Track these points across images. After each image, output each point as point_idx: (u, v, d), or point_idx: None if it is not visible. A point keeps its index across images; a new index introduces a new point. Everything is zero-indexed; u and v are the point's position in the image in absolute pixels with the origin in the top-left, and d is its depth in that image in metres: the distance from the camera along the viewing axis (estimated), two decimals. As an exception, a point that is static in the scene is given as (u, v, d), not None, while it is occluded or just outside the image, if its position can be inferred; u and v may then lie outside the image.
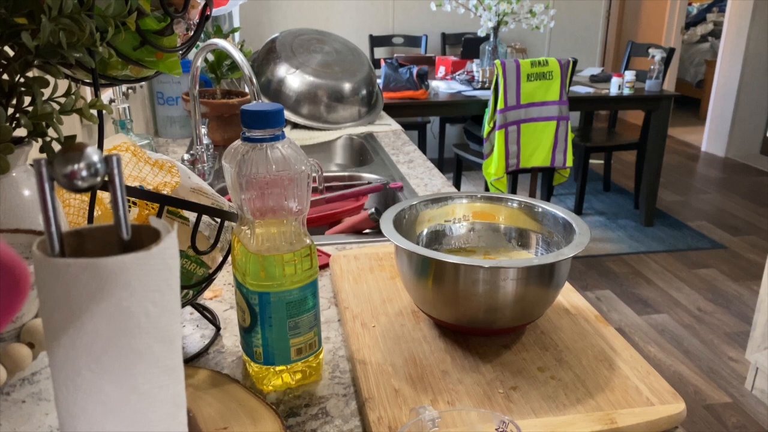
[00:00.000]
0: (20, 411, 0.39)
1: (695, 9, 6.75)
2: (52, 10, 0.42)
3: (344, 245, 1.01)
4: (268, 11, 4.17)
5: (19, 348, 0.38)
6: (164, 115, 1.75)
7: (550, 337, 0.70)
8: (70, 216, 0.64)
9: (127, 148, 0.68)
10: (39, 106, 0.45)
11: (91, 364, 0.28)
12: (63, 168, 0.28)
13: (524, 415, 0.57)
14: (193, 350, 0.70)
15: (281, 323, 0.59)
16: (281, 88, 1.84)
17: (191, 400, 0.58)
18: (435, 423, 0.49)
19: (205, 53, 1.15)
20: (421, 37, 4.33)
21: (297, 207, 0.58)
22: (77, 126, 1.14)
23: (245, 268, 0.58)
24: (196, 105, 1.22)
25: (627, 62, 3.82)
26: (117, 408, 0.29)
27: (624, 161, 4.77)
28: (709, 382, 2.16)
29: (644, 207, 3.45)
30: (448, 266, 0.66)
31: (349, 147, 1.81)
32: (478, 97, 2.98)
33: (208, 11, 0.58)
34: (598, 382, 0.62)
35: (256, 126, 0.55)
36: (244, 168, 0.55)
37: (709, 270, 2.97)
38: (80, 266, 0.27)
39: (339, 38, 2.04)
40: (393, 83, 2.86)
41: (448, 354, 0.67)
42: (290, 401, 0.62)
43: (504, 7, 3.12)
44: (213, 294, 0.83)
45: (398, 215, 0.76)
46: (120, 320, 0.28)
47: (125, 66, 0.54)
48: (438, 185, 1.34)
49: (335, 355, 0.70)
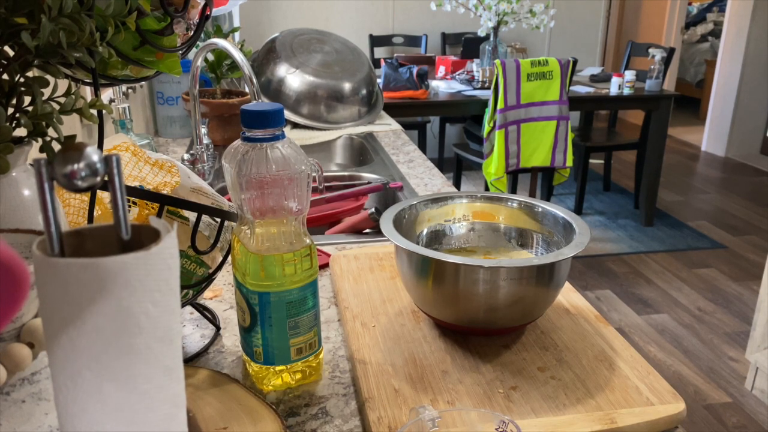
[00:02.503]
0: (20, 411, 0.39)
1: (695, 9, 6.75)
2: (52, 9, 0.42)
3: (344, 245, 1.01)
4: (268, 11, 4.17)
5: (19, 348, 0.38)
6: (164, 115, 1.75)
7: (550, 337, 0.70)
8: (70, 216, 0.64)
9: (127, 148, 0.68)
10: (39, 106, 0.45)
11: (91, 364, 0.28)
12: (63, 168, 0.28)
13: (524, 415, 0.57)
14: (193, 350, 0.70)
15: (281, 323, 0.59)
16: (281, 87, 1.84)
17: (191, 400, 0.58)
18: (435, 423, 0.49)
19: (205, 53, 1.15)
20: (421, 36, 4.33)
21: (297, 207, 0.58)
22: (77, 126, 1.14)
23: (245, 267, 0.58)
24: (196, 105, 1.22)
25: (627, 62, 3.82)
26: (117, 408, 0.29)
27: (624, 161, 4.77)
28: (709, 382, 2.16)
29: (644, 207, 3.45)
30: (448, 266, 0.65)
31: (349, 147, 1.81)
32: (478, 97, 2.98)
33: (208, 11, 0.58)
34: (598, 382, 0.62)
35: (256, 126, 0.55)
36: (244, 168, 0.55)
37: (709, 270, 2.97)
38: (80, 266, 0.27)
39: (339, 38, 2.04)
40: (393, 83, 2.86)
41: (448, 354, 0.67)
42: (290, 401, 0.62)
43: (504, 6, 3.12)
44: (213, 294, 0.83)
45: (398, 215, 0.76)
46: (120, 320, 0.28)
47: (125, 66, 0.54)
48: (438, 185, 1.34)
49: (335, 355, 0.70)
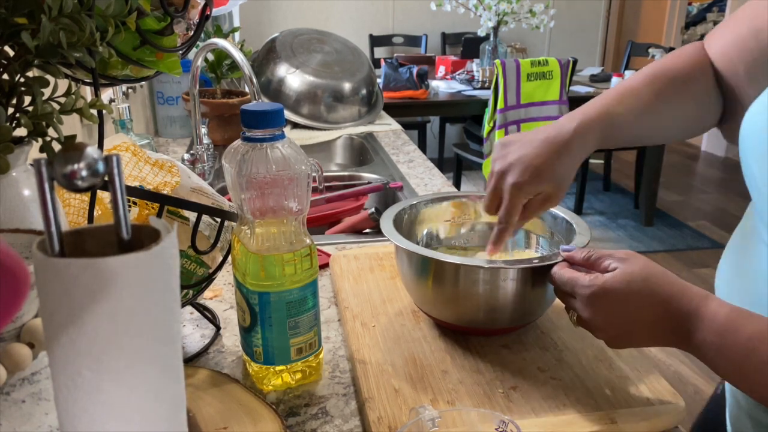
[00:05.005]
0: (20, 411, 0.39)
1: (695, 9, 6.75)
2: (52, 9, 0.42)
3: (344, 245, 1.01)
4: (268, 11, 4.17)
5: (19, 348, 0.38)
6: (164, 115, 1.75)
7: (550, 337, 0.70)
8: (70, 216, 0.64)
9: (127, 148, 0.68)
10: (39, 106, 0.45)
11: (91, 364, 0.28)
12: (63, 168, 0.28)
13: (524, 415, 0.57)
14: (193, 350, 0.70)
15: (281, 323, 0.59)
16: (281, 87, 1.84)
17: (191, 400, 0.58)
18: (435, 423, 0.49)
19: (205, 53, 1.15)
20: (421, 36, 4.32)
21: (297, 207, 0.58)
22: (77, 126, 1.14)
23: (245, 267, 0.58)
24: (196, 105, 1.22)
25: (627, 62, 3.82)
26: (117, 408, 0.29)
27: (624, 161, 4.76)
28: (710, 381, 2.16)
29: (644, 207, 3.45)
30: (448, 266, 0.65)
31: (349, 147, 1.81)
32: (478, 97, 2.98)
33: (208, 11, 0.58)
34: (598, 382, 0.62)
35: (256, 126, 0.55)
36: (244, 168, 0.55)
37: (709, 270, 2.97)
38: (80, 266, 0.27)
39: (339, 38, 2.04)
40: (393, 83, 2.86)
41: (448, 354, 0.67)
42: (290, 401, 0.62)
43: (504, 6, 3.12)
44: (213, 294, 0.83)
45: (398, 215, 0.76)
46: (120, 320, 0.28)
47: (125, 66, 0.54)
48: (438, 185, 1.34)
49: (335, 355, 0.70)
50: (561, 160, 0.66)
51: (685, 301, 0.53)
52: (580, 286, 0.56)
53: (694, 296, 0.53)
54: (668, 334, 0.54)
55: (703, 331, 0.52)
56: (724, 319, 0.51)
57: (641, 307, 0.54)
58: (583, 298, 0.56)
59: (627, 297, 0.54)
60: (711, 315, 0.52)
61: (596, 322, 0.56)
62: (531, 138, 0.68)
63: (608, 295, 0.55)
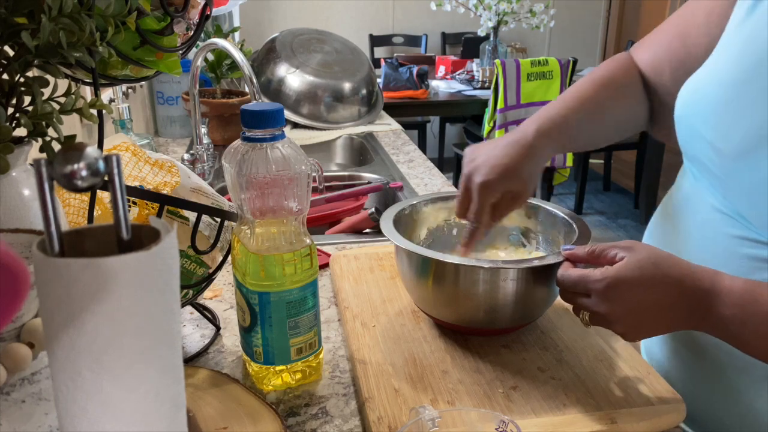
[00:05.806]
0: (20, 411, 0.39)
1: (695, 9, 6.74)
2: (52, 9, 0.42)
3: (344, 245, 1.01)
4: (268, 11, 4.17)
5: (19, 348, 0.38)
6: (164, 115, 1.75)
7: (550, 337, 0.70)
8: (70, 216, 0.64)
9: (127, 148, 0.68)
10: (39, 106, 0.45)
11: (91, 364, 0.28)
12: (63, 168, 0.28)
13: (524, 415, 0.57)
14: (193, 350, 0.70)
15: (281, 323, 0.59)
16: (281, 87, 1.84)
17: (191, 400, 0.58)
18: (435, 423, 0.49)
19: (205, 53, 1.15)
20: (421, 36, 4.32)
21: (297, 207, 0.58)
22: (77, 126, 1.14)
23: (245, 267, 0.58)
24: (196, 104, 1.22)
25: (627, 62, 3.81)
26: (117, 408, 0.29)
27: (624, 161, 4.76)
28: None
29: (644, 206, 3.45)
30: (448, 266, 0.65)
31: (349, 147, 1.81)
32: (478, 97, 2.98)
33: (208, 11, 0.58)
34: (598, 382, 0.62)
35: (256, 126, 0.55)
36: (244, 168, 0.55)
37: (709, 270, 2.97)
38: (80, 266, 0.27)
39: (339, 38, 2.04)
40: (393, 83, 2.86)
41: (448, 354, 0.67)
42: (290, 401, 0.62)
43: (504, 6, 3.12)
44: (213, 294, 0.83)
45: (398, 215, 0.76)
46: (120, 320, 0.28)
47: (125, 66, 0.54)
48: (438, 185, 1.34)
49: (335, 355, 0.70)
50: (526, 160, 0.69)
51: (698, 279, 0.54)
52: (593, 281, 0.56)
53: (704, 274, 0.54)
54: (686, 314, 0.55)
55: (721, 305, 0.53)
56: (741, 290, 0.52)
57: (657, 291, 0.54)
58: (598, 293, 0.56)
59: (642, 283, 0.54)
60: (727, 289, 0.53)
61: (615, 314, 0.56)
62: (496, 143, 0.72)
63: (623, 284, 0.55)
